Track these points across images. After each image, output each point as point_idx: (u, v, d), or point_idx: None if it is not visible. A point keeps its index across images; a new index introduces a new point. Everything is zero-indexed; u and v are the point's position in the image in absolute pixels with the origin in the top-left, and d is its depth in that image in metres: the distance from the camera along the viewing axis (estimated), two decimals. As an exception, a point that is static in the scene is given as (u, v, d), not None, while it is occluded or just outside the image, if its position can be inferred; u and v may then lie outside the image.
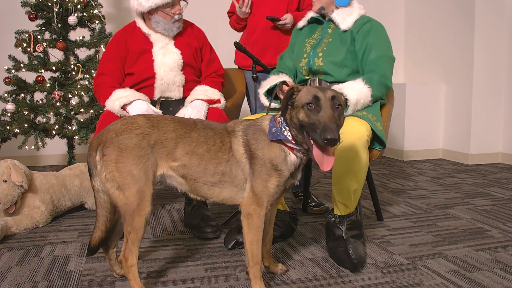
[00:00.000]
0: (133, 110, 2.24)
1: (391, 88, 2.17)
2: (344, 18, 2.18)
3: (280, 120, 1.57)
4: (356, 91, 1.98)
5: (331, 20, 2.25)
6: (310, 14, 2.34)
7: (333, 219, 1.97)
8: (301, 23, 2.40)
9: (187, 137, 1.61)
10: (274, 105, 2.25)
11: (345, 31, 2.18)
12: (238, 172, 1.59)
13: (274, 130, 1.56)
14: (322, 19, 2.30)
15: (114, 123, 1.61)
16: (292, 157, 1.58)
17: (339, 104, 1.48)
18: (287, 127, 1.55)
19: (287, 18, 2.82)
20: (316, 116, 1.43)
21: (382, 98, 2.19)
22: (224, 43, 3.60)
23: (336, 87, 2.02)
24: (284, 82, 1.94)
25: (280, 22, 2.83)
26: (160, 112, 2.34)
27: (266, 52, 2.93)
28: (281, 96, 2.03)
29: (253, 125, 1.63)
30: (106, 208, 1.64)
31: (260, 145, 1.58)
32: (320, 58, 2.18)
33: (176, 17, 2.40)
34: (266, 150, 1.57)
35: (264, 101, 2.30)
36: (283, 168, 1.57)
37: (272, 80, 2.27)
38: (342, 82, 2.10)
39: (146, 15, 2.43)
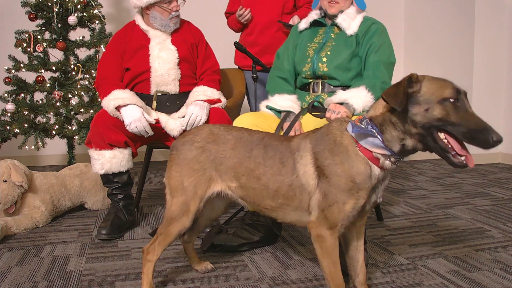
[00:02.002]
0: (125, 113, 2.23)
1: None
2: (350, 23, 2.13)
3: (364, 125, 1.37)
4: (361, 100, 1.96)
5: (334, 24, 2.18)
6: (314, 17, 2.25)
7: None
8: (302, 25, 2.28)
9: (245, 157, 1.51)
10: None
11: (351, 35, 2.13)
12: (304, 196, 1.44)
13: (365, 134, 1.34)
14: (324, 22, 2.23)
15: (189, 130, 1.68)
16: (377, 171, 1.38)
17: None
18: (375, 129, 1.34)
19: (295, 21, 2.85)
20: (466, 115, 1.22)
21: None
22: (223, 43, 3.59)
23: (340, 96, 1.99)
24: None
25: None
26: (153, 121, 2.30)
27: (265, 52, 2.94)
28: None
29: (323, 137, 1.42)
30: None
31: (338, 159, 1.37)
32: (324, 63, 2.13)
33: (173, 13, 2.43)
34: (347, 165, 1.36)
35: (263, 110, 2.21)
36: (367, 186, 1.36)
37: (277, 100, 2.17)
38: (347, 86, 2.09)
39: (144, 11, 2.47)
